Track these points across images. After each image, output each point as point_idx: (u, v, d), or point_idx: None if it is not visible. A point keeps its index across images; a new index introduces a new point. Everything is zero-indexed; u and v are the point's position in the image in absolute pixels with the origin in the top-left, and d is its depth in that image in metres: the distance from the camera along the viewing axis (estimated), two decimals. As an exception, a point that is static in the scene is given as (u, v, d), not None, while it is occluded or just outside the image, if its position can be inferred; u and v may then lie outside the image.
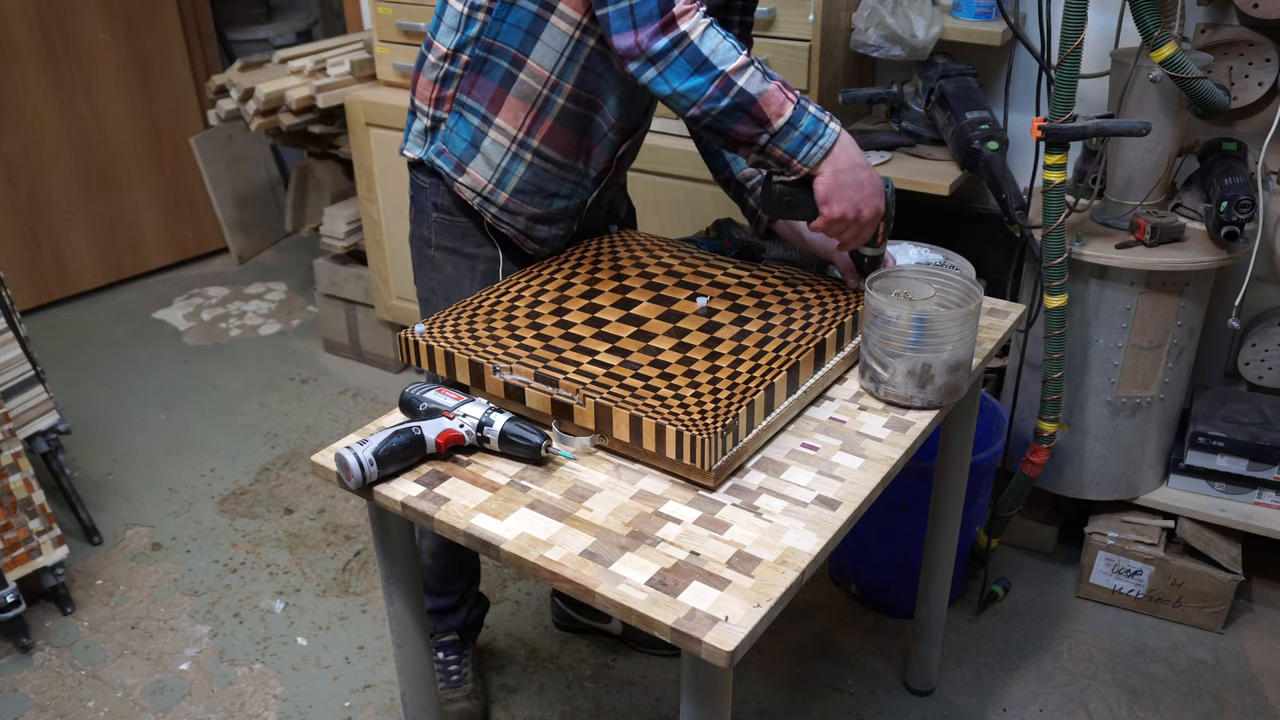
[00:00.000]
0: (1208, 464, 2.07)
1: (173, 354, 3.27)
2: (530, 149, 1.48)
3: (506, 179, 1.50)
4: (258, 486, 2.63)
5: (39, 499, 2.11)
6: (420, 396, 1.31)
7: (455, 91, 1.48)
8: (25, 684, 2.05)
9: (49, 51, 3.32)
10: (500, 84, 1.45)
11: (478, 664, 2.00)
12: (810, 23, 2.08)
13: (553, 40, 1.41)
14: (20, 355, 2.19)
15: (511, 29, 1.41)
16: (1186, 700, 1.98)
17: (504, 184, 1.51)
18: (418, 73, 1.53)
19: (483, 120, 1.48)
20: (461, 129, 1.50)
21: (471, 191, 1.52)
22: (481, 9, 1.42)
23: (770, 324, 1.39)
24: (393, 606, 1.43)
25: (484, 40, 1.43)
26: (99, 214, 3.57)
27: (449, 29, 1.46)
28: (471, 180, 1.51)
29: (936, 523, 1.84)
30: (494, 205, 1.52)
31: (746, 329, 1.38)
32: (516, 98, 1.45)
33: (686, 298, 1.47)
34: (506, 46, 1.42)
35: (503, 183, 1.51)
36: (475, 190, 1.52)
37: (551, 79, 1.43)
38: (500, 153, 1.49)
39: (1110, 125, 1.75)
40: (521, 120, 1.46)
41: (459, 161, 1.51)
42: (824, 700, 1.99)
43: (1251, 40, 1.97)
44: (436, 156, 1.53)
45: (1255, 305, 2.17)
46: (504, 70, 1.44)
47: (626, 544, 1.12)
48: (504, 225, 1.54)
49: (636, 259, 1.59)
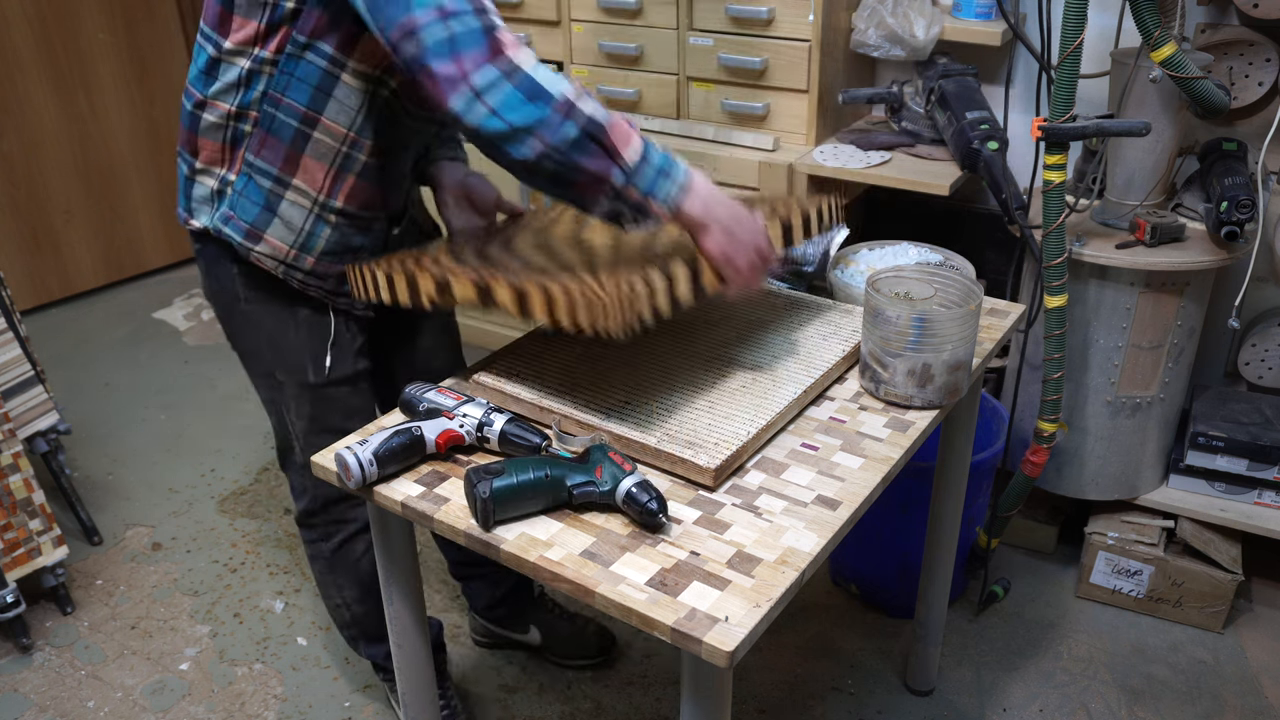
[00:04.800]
0: (1208, 464, 2.07)
1: (173, 354, 3.27)
2: (333, 210, 1.40)
3: (312, 242, 1.41)
4: (258, 486, 2.63)
5: (39, 499, 2.11)
6: (420, 396, 1.31)
7: (244, 152, 1.37)
8: (25, 684, 2.05)
9: (49, 51, 3.32)
10: (291, 144, 1.35)
11: (459, 692, 1.99)
12: (810, 23, 2.08)
13: (346, 97, 1.33)
14: (20, 355, 2.19)
15: (300, 85, 1.32)
16: (1186, 700, 1.98)
17: (309, 248, 1.41)
18: (192, 133, 1.40)
19: (276, 182, 1.37)
20: (251, 193, 1.38)
21: (273, 260, 1.41)
22: (266, 63, 1.32)
23: None
24: (393, 607, 1.43)
25: (271, 95, 1.33)
26: (99, 214, 3.57)
27: (229, 86, 1.34)
28: (271, 248, 1.40)
29: (936, 523, 1.84)
30: (300, 270, 1.43)
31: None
32: (312, 158, 1.36)
33: None
34: (295, 104, 1.33)
35: (308, 246, 1.41)
36: (277, 258, 1.41)
37: (350, 136, 1.35)
38: (301, 215, 1.39)
39: (1110, 125, 1.75)
40: (321, 181, 1.37)
41: (251, 229, 1.40)
42: (824, 700, 1.99)
43: (1251, 40, 1.97)
44: (224, 224, 1.40)
45: (1255, 305, 2.17)
46: (294, 130, 1.34)
47: (626, 544, 1.12)
48: (311, 289, 1.46)
49: None
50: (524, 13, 2.39)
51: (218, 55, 1.34)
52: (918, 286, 1.41)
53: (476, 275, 1.26)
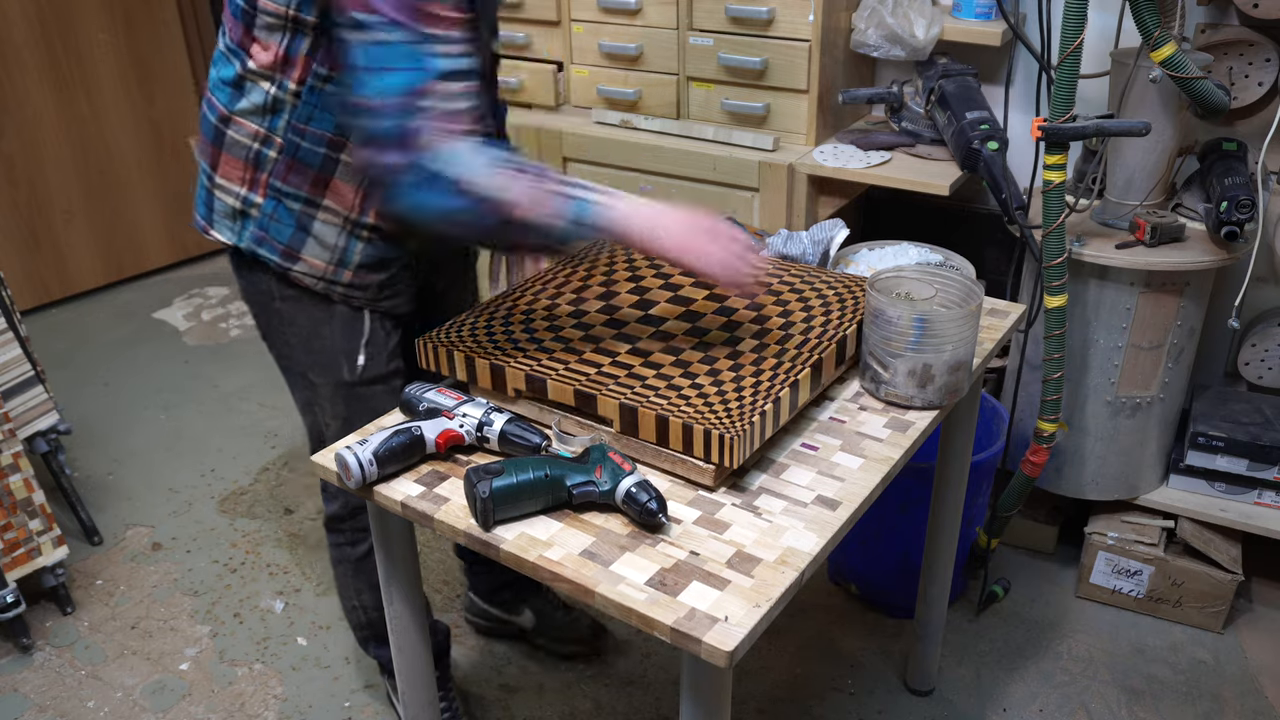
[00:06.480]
0: (1208, 464, 2.07)
1: (173, 354, 3.27)
2: (365, 226, 1.42)
3: (349, 257, 1.44)
4: (258, 486, 2.63)
5: (39, 499, 2.11)
6: (420, 396, 1.31)
7: (269, 177, 1.39)
8: (25, 684, 2.05)
9: (49, 51, 3.32)
10: (320, 169, 1.37)
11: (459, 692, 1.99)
12: (810, 23, 2.08)
13: None
14: (20, 355, 2.19)
15: (324, 114, 1.34)
16: (1186, 700, 1.98)
17: (346, 263, 1.44)
18: (216, 147, 1.41)
19: (307, 204, 1.40)
20: (283, 216, 1.41)
21: (311, 277, 1.45)
22: (289, 93, 1.34)
23: (790, 321, 1.39)
24: (393, 607, 1.43)
25: (295, 125, 1.35)
26: (99, 214, 3.57)
27: (256, 108, 1.36)
28: (308, 266, 1.44)
29: (936, 523, 1.84)
30: (340, 284, 1.46)
31: (766, 327, 1.38)
32: (342, 180, 1.38)
33: (704, 297, 1.46)
34: (321, 132, 1.35)
35: (345, 261, 1.44)
36: (315, 275, 1.44)
37: None
38: (334, 233, 1.42)
39: (1110, 125, 1.75)
40: (351, 200, 1.40)
41: (286, 249, 1.43)
42: (824, 700, 1.99)
43: (1251, 40, 1.97)
44: (258, 246, 1.44)
45: (1255, 305, 2.17)
46: (322, 155, 1.36)
47: (626, 544, 1.12)
48: (355, 298, 1.48)
49: (650, 259, 1.59)
50: (524, 13, 2.39)
51: (243, 73, 1.35)
52: (918, 287, 1.40)
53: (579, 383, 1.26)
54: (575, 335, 1.37)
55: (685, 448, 1.19)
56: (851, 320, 1.40)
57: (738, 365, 1.29)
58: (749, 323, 1.39)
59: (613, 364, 1.30)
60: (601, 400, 1.24)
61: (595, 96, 2.38)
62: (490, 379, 1.33)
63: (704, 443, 1.17)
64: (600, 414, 1.25)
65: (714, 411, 1.19)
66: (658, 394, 1.23)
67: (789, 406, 1.26)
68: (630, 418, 1.22)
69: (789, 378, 1.26)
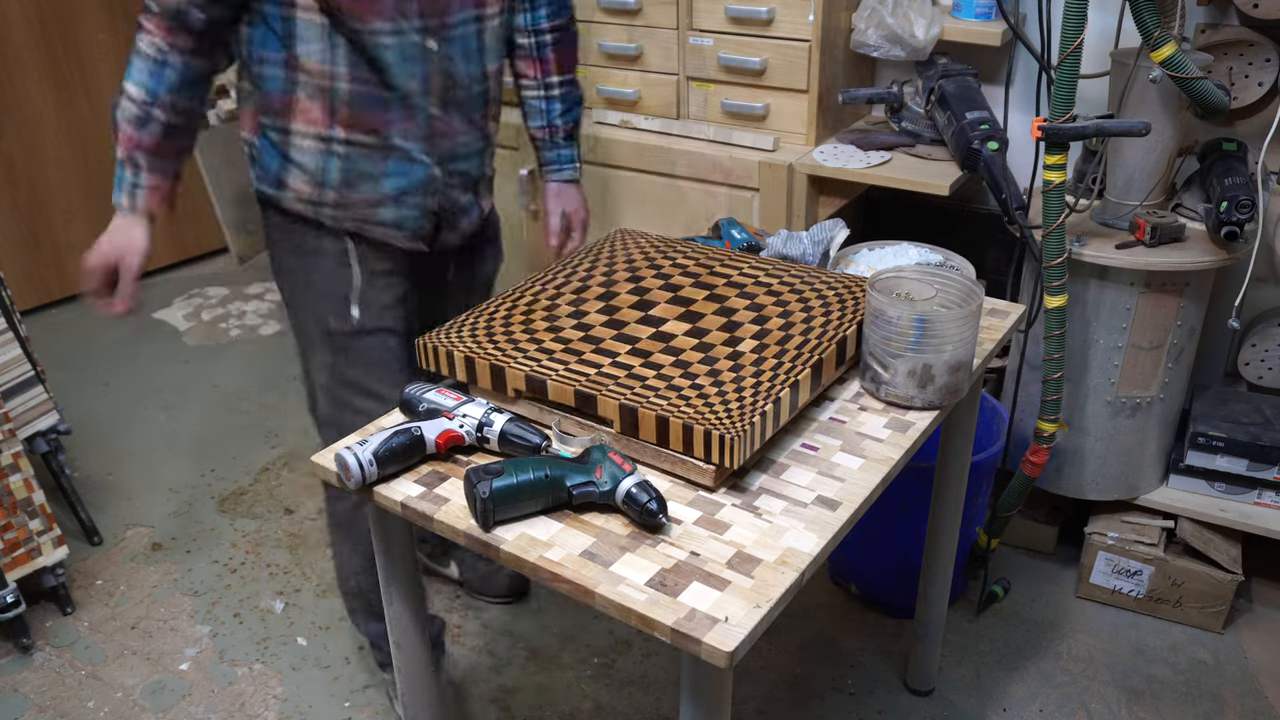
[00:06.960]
0: (1208, 464, 2.07)
1: (173, 354, 3.27)
2: (336, 140, 1.49)
3: (328, 177, 1.51)
4: (258, 486, 2.63)
5: (39, 499, 2.11)
6: (420, 397, 1.31)
7: (258, 115, 1.51)
8: (25, 684, 2.05)
9: (49, 51, 3.32)
10: (283, 92, 1.47)
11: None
12: (810, 23, 2.08)
13: (306, 33, 1.42)
14: (20, 355, 2.19)
15: (268, 36, 1.43)
16: (1186, 700, 1.98)
17: (327, 182, 1.51)
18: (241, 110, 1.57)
19: (282, 133, 1.50)
20: (268, 148, 1.52)
21: (301, 202, 1.53)
22: (245, 32, 1.45)
23: (790, 322, 1.39)
24: (392, 607, 1.43)
25: (255, 55, 1.46)
26: (99, 214, 3.56)
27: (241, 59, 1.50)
28: (295, 192, 1.53)
29: (936, 523, 1.84)
30: (326, 206, 1.53)
31: (766, 327, 1.38)
32: (306, 97, 1.46)
33: (704, 298, 1.46)
34: (271, 54, 1.45)
35: (325, 182, 1.51)
36: (303, 199, 1.53)
37: (328, 69, 1.44)
38: (310, 156, 1.50)
39: (1110, 125, 1.75)
40: (318, 115, 1.47)
41: (277, 178, 1.53)
42: (824, 700, 1.99)
43: (1251, 40, 1.97)
44: (260, 184, 1.55)
45: (1255, 305, 2.17)
46: (280, 78, 1.46)
47: (626, 544, 1.12)
48: (345, 222, 1.55)
49: (650, 259, 1.58)
50: (524, 13, 2.39)
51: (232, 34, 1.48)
52: (918, 287, 1.40)
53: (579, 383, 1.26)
54: (575, 335, 1.37)
55: (685, 448, 1.19)
56: (851, 321, 1.40)
57: (738, 366, 1.29)
58: (749, 323, 1.39)
59: (613, 364, 1.30)
60: (602, 401, 1.24)
61: (595, 96, 2.38)
62: (490, 379, 1.33)
63: (704, 443, 1.17)
64: (600, 414, 1.25)
65: (714, 412, 1.19)
66: (658, 394, 1.23)
67: (789, 407, 1.26)
68: (630, 418, 1.22)
69: (789, 378, 1.26)
